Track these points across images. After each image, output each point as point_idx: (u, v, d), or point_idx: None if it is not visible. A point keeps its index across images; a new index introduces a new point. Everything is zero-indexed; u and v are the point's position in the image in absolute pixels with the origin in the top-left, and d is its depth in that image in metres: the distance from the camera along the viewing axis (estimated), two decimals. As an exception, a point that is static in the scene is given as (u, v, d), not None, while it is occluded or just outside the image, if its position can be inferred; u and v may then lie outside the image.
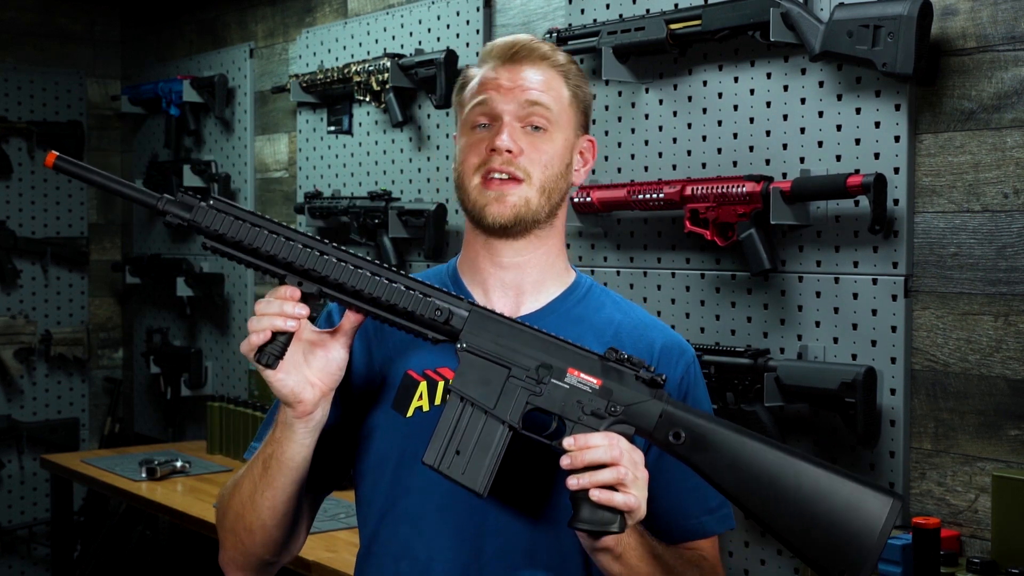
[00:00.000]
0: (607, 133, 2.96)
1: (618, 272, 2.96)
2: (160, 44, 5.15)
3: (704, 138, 2.76)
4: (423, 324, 1.45)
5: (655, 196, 2.70)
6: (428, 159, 3.62)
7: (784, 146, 2.59)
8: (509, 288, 1.62)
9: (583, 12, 3.03)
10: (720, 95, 2.72)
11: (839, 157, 2.48)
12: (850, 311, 2.46)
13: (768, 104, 2.62)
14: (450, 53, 3.41)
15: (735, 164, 2.68)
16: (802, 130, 2.55)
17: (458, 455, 1.43)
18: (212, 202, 1.42)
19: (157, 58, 5.15)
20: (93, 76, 5.37)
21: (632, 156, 2.93)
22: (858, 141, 2.44)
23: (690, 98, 2.79)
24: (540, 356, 1.45)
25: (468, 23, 3.45)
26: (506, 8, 3.39)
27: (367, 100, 3.68)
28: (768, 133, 2.62)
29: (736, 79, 2.69)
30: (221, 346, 4.66)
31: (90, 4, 5.34)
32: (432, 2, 3.58)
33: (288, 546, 1.61)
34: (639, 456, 1.41)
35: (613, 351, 1.46)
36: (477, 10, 3.42)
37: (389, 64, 3.54)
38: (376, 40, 3.81)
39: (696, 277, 2.78)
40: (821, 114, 2.52)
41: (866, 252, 2.44)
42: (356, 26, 3.91)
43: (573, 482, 1.38)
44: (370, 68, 3.63)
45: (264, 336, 1.41)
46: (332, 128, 4.00)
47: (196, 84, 4.64)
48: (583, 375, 1.45)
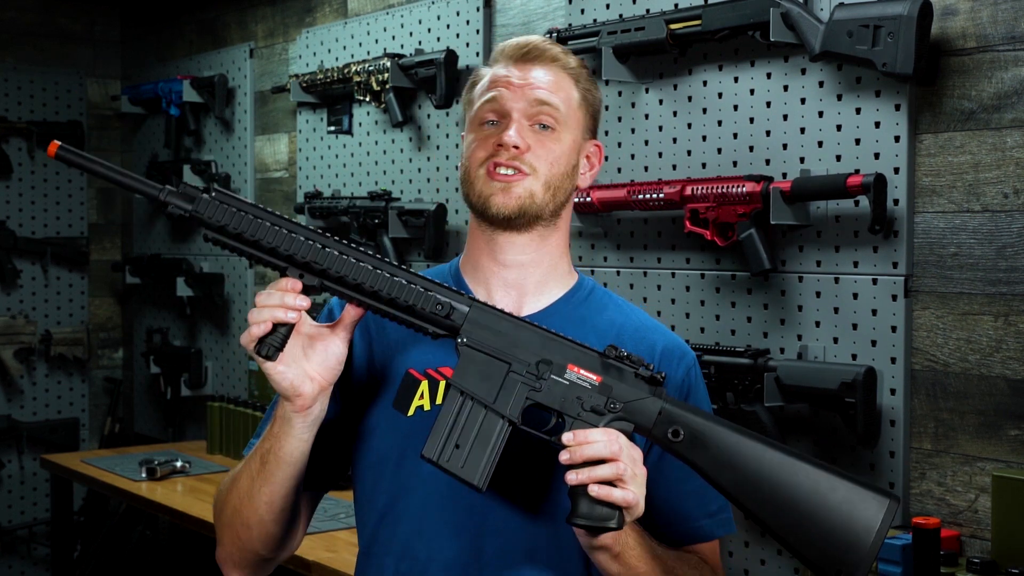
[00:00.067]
0: (607, 133, 2.96)
1: (618, 272, 2.96)
2: (160, 44, 5.15)
3: (704, 138, 2.76)
4: (424, 318, 1.45)
5: (655, 196, 2.70)
6: (428, 159, 3.62)
7: (784, 146, 2.59)
8: (511, 288, 1.62)
9: (583, 12, 3.03)
10: (720, 95, 2.72)
11: (839, 157, 2.48)
12: (850, 311, 2.46)
13: (768, 104, 2.62)
14: (450, 53, 3.41)
15: (735, 164, 2.68)
16: (802, 130, 2.55)
17: (457, 449, 1.43)
18: (214, 194, 1.42)
19: (157, 58, 5.15)
20: (93, 76, 5.37)
21: (632, 156, 2.93)
22: (858, 141, 2.44)
23: (690, 98, 2.79)
24: (540, 352, 1.45)
25: (468, 23, 3.45)
26: (506, 8, 3.39)
27: (367, 100, 3.68)
28: (768, 133, 2.62)
29: (736, 79, 2.69)
30: (221, 346, 4.66)
31: (90, 4, 5.34)
32: (432, 2, 3.58)
33: (285, 543, 1.61)
34: (638, 453, 1.42)
35: (613, 348, 1.46)
36: (477, 10, 3.42)
37: (389, 64, 3.55)
38: (376, 40, 3.81)
39: (696, 277, 2.78)
40: (821, 114, 2.52)
41: (866, 252, 2.44)
42: (356, 26, 3.91)
43: (572, 477, 1.38)
44: (370, 68, 3.63)
45: (265, 327, 1.41)
46: (332, 128, 4.00)
47: (196, 84, 4.64)
48: (583, 371, 1.45)
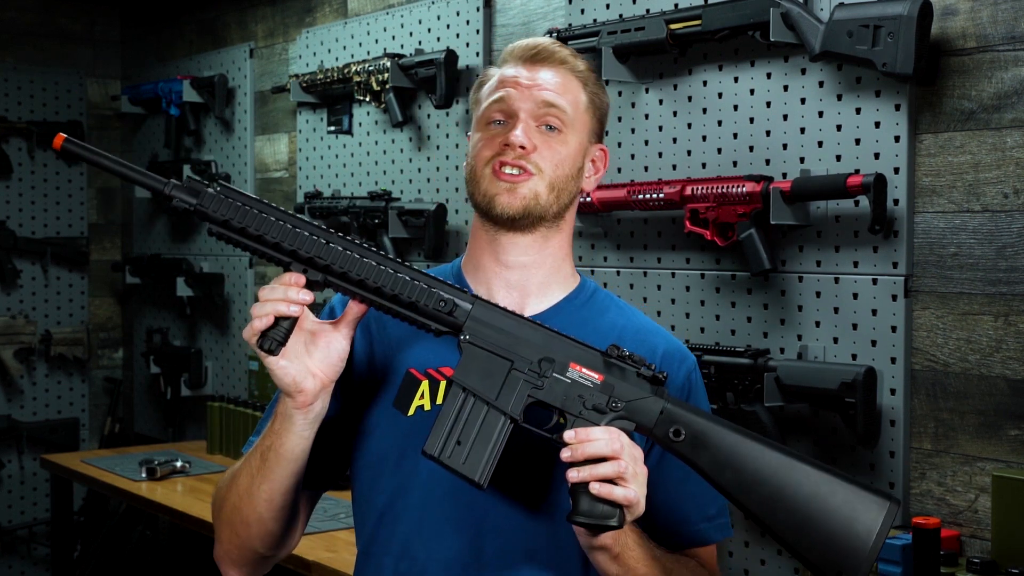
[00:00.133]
0: (607, 133, 2.96)
1: (618, 272, 2.96)
2: (160, 44, 5.15)
3: (704, 138, 2.76)
4: (426, 315, 1.45)
5: (655, 196, 2.70)
6: (428, 159, 3.62)
7: (784, 146, 2.59)
8: (514, 288, 1.62)
9: (583, 12, 3.04)
10: (720, 95, 2.72)
11: (839, 157, 2.48)
12: (850, 311, 2.46)
13: (768, 104, 2.62)
14: (450, 53, 3.41)
15: (735, 164, 2.68)
16: (802, 130, 2.55)
17: (459, 445, 1.43)
18: (219, 188, 1.43)
19: (157, 58, 5.15)
20: (93, 76, 5.37)
21: (632, 156, 2.93)
22: (858, 141, 2.45)
23: (690, 98, 2.79)
24: (543, 350, 1.46)
25: (468, 23, 3.46)
26: (506, 8, 3.39)
27: (367, 100, 3.68)
28: (768, 133, 2.62)
29: (736, 79, 2.69)
30: (221, 346, 4.66)
31: (90, 4, 5.34)
32: (432, 2, 3.58)
33: (284, 541, 1.61)
34: (639, 452, 1.42)
35: (615, 348, 1.46)
36: (477, 10, 3.42)
37: (389, 64, 3.55)
38: (376, 40, 3.81)
39: (696, 277, 2.78)
40: (821, 114, 2.52)
41: (866, 252, 2.44)
42: (356, 26, 3.91)
43: (573, 475, 1.38)
44: (370, 68, 3.63)
45: (267, 321, 1.40)
46: (332, 128, 4.00)
47: (196, 84, 4.64)
48: (585, 370, 1.45)
